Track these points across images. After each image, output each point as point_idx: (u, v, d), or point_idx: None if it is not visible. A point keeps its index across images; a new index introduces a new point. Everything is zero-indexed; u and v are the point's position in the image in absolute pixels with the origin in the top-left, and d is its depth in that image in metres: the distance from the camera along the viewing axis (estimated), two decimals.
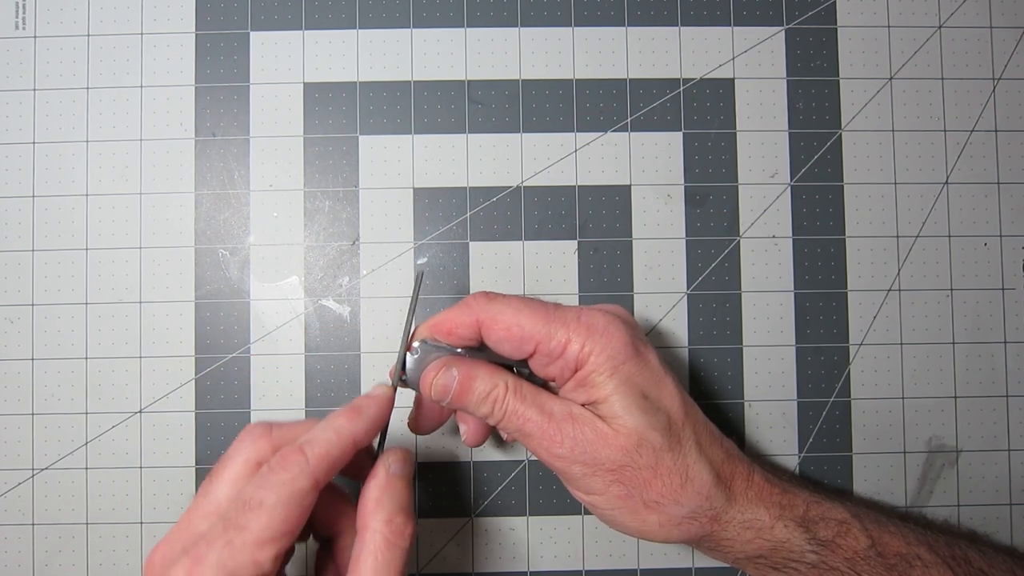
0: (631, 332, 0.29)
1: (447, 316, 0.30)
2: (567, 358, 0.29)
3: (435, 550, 0.37)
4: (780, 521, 0.29)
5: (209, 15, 0.38)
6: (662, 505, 0.29)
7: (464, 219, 0.38)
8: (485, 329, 0.29)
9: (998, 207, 0.38)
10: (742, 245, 0.38)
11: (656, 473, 0.28)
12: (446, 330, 0.29)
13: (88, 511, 0.37)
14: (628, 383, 0.29)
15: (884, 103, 0.38)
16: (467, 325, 0.29)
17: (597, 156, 0.38)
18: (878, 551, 0.29)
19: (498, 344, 0.29)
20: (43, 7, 0.38)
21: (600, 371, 0.29)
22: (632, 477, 0.28)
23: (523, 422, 0.29)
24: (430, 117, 0.38)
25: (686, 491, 0.29)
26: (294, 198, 0.38)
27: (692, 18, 0.38)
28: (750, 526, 0.29)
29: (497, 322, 0.29)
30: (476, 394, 0.29)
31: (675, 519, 0.29)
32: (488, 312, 0.29)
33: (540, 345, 0.29)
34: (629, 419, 0.28)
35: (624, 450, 0.28)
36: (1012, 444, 0.38)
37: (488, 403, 0.29)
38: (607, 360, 0.28)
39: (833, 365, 0.38)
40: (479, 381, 0.29)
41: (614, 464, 0.28)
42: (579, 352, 0.28)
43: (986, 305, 0.38)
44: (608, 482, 0.28)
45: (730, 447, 0.31)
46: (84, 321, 0.37)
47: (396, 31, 0.38)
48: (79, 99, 0.38)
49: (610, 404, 0.28)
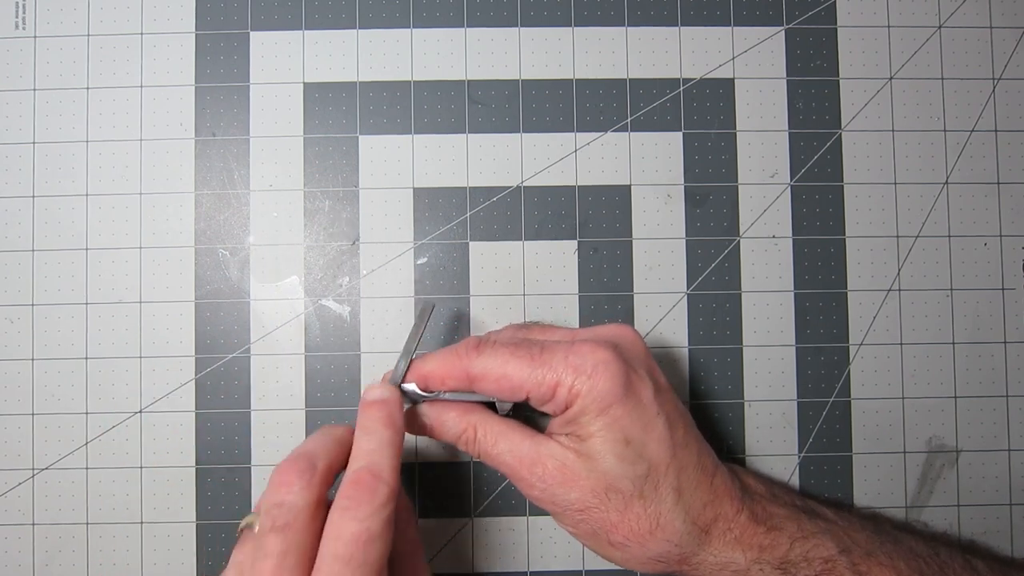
0: (623, 368, 0.29)
1: (439, 367, 0.30)
2: (557, 400, 0.29)
3: (435, 550, 0.37)
4: (756, 564, 0.29)
5: (209, 15, 0.38)
6: (627, 547, 0.29)
7: (464, 219, 0.38)
8: (476, 383, 0.29)
9: (998, 207, 0.38)
10: (742, 245, 0.38)
11: (624, 517, 0.29)
12: (438, 381, 0.30)
13: (88, 511, 0.37)
14: (613, 426, 0.28)
15: (884, 103, 0.39)
16: (458, 378, 0.30)
17: (597, 156, 0.38)
18: None
19: (492, 392, 0.30)
20: (43, 7, 0.38)
21: (587, 412, 0.28)
22: (599, 518, 0.29)
23: (496, 464, 0.30)
24: (430, 117, 0.38)
25: (654, 537, 0.29)
26: (294, 198, 0.38)
27: (692, 18, 0.38)
28: (724, 567, 0.29)
29: (487, 375, 0.29)
30: (448, 437, 0.31)
31: (639, 559, 0.29)
32: (477, 367, 0.29)
33: (531, 392, 0.29)
34: (603, 464, 0.28)
35: (593, 492, 0.29)
36: (1012, 444, 0.38)
37: (462, 444, 0.30)
38: (594, 402, 0.28)
39: (833, 365, 0.38)
40: (449, 425, 0.30)
41: (582, 504, 0.29)
42: (567, 394, 0.29)
43: (986, 305, 0.38)
44: (576, 521, 0.29)
45: (721, 485, 0.30)
46: (84, 321, 0.37)
47: (396, 31, 0.38)
48: (79, 99, 0.38)
49: (591, 445, 0.29)
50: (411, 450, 0.37)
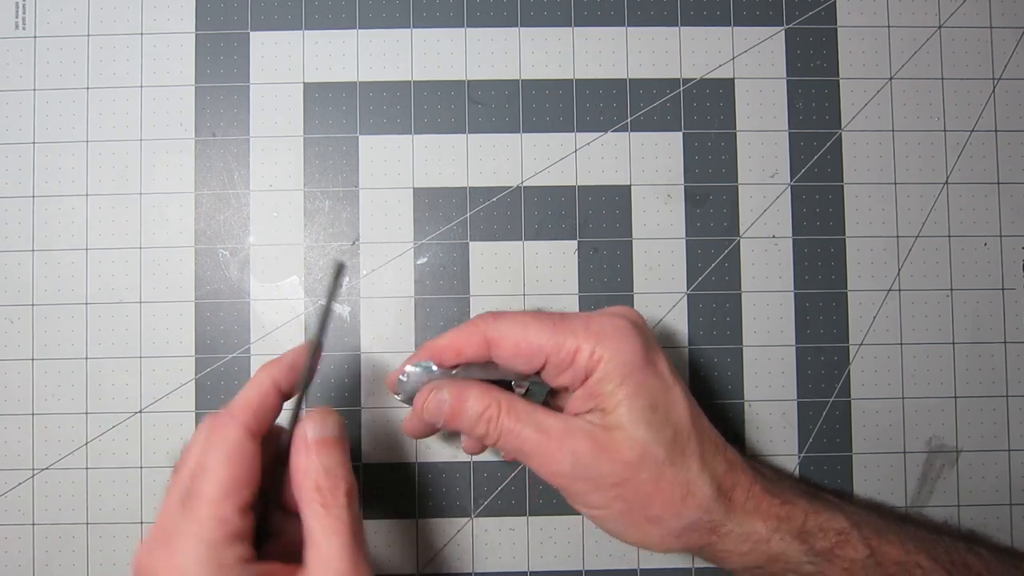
0: (642, 338, 0.29)
1: (454, 338, 0.29)
2: (577, 367, 0.28)
3: (435, 550, 0.37)
4: (777, 534, 0.29)
5: (209, 15, 0.38)
6: (663, 519, 0.28)
7: (464, 219, 0.38)
8: (494, 348, 0.29)
9: (998, 207, 0.38)
10: (742, 245, 0.38)
11: (658, 487, 0.28)
12: (454, 352, 0.29)
13: (88, 511, 0.37)
14: (637, 393, 0.28)
15: (884, 103, 0.38)
16: (475, 345, 0.29)
17: (597, 156, 0.38)
18: (877, 560, 0.29)
19: (509, 361, 0.29)
20: (43, 7, 0.38)
21: (609, 379, 0.28)
22: (634, 492, 0.28)
23: (520, 441, 0.28)
24: (430, 117, 0.38)
25: (687, 504, 0.28)
26: (294, 198, 0.38)
27: (692, 18, 0.38)
28: (747, 539, 0.29)
29: (505, 339, 0.29)
30: (468, 416, 0.29)
31: (675, 531, 0.29)
32: (496, 331, 0.29)
33: (550, 357, 0.28)
34: (635, 431, 0.28)
35: (627, 464, 0.28)
36: (1012, 444, 0.38)
37: (482, 424, 0.29)
38: (616, 368, 0.28)
39: (833, 365, 0.38)
40: (471, 402, 0.29)
41: (616, 478, 0.28)
42: (588, 360, 0.28)
43: (986, 305, 0.38)
44: (610, 497, 0.28)
45: (733, 457, 0.30)
46: (84, 321, 0.37)
47: (396, 31, 0.38)
48: (79, 99, 0.38)
49: (617, 415, 0.28)
50: (411, 450, 0.37)
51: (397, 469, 0.37)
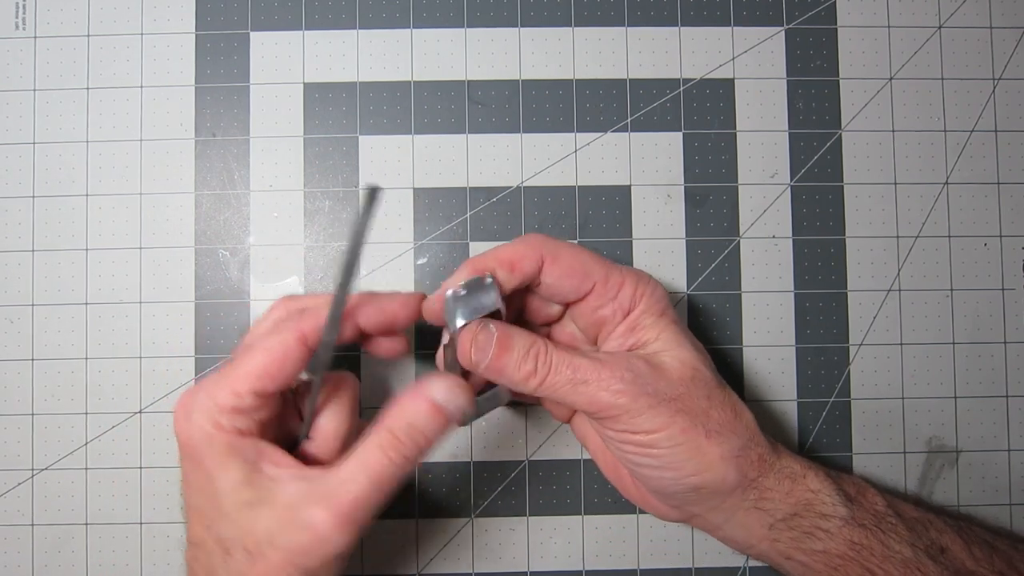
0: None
1: (510, 248, 0.29)
2: (621, 299, 0.30)
3: (435, 550, 0.37)
4: (811, 471, 0.30)
5: (209, 15, 0.38)
6: (722, 435, 0.29)
7: (464, 219, 0.38)
8: (548, 265, 0.29)
9: (998, 207, 0.38)
10: (742, 245, 0.38)
11: (712, 403, 0.29)
12: (508, 262, 0.29)
13: (88, 511, 0.37)
14: (675, 324, 0.30)
15: (884, 103, 0.39)
16: (531, 259, 0.29)
17: (597, 156, 0.38)
18: (896, 511, 0.30)
19: (559, 280, 0.29)
20: (43, 7, 0.38)
21: (650, 312, 0.30)
22: (692, 406, 0.29)
23: (574, 369, 0.28)
24: (430, 117, 0.38)
25: (739, 424, 0.29)
26: (294, 198, 0.38)
27: (692, 18, 0.38)
28: (787, 474, 0.30)
29: (561, 258, 0.29)
30: (516, 350, 0.28)
31: (734, 450, 0.29)
32: (551, 248, 0.29)
33: (598, 284, 0.29)
34: (682, 352, 0.29)
35: (681, 381, 0.29)
36: (1012, 444, 0.38)
37: (530, 359, 0.28)
38: (655, 303, 0.30)
39: (833, 365, 0.38)
40: (518, 338, 0.29)
41: (674, 392, 0.29)
42: (633, 293, 0.30)
43: (986, 305, 0.38)
44: (672, 412, 0.28)
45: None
46: (84, 321, 0.37)
47: (396, 31, 0.38)
48: (79, 99, 0.38)
49: (662, 341, 0.30)
50: None
51: None
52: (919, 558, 0.28)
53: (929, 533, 0.29)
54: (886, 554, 0.28)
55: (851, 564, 0.29)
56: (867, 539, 0.29)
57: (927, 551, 0.28)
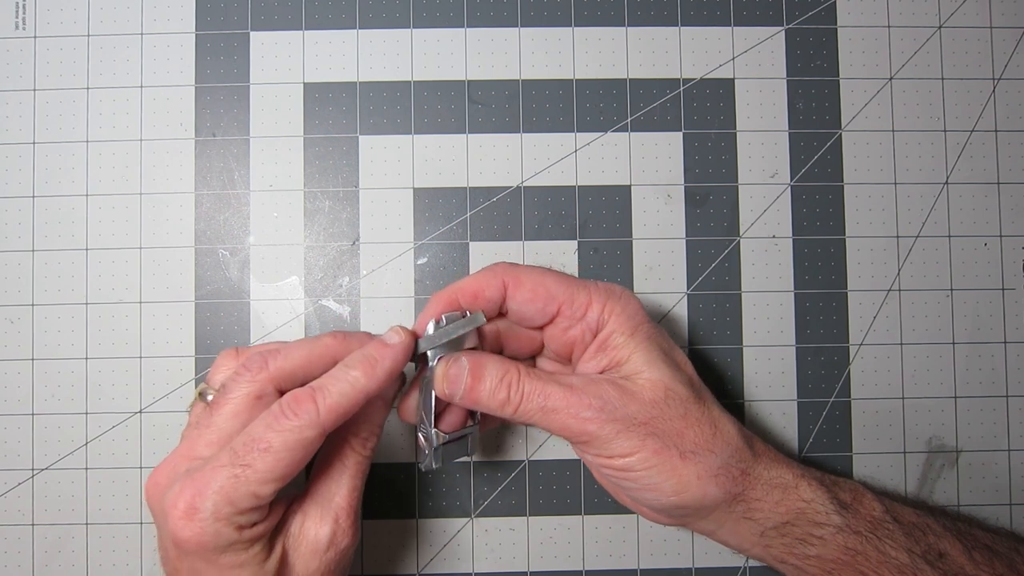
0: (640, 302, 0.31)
1: (472, 280, 0.29)
2: (588, 320, 0.29)
3: (435, 550, 0.37)
4: (803, 480, 0.29)
5: (209, 15, 0.38)
6: (698, 455, 0.28)
7: (464, 219, 0.38)
8: (511, 290, 0.29)
9: (998, 207, 0.38)
10: (742, 245, 0.38)
11: (687, 422, 0.29)
12: (471, 293, 0.29)
13: (88, 511, 0.37)
14: (648, 340, 0.29)
15: (884, 103, 0.38)
16: (493, 287, 0.29)
17: (597, 156, 0.38)
18: (893, 516, 0.29)
19: (523, 306, 0.29)
20: (43, 7, 0.38)
21: (621, 331, 0.29)
22: (665, 428, 0.28)
23: (544, 397, 0.28)
24: (430, 117, 0.38)
25: (718, 440, 0.29)
26: (294, 198, 0.38)
27: (692, 18, 0.38)
28: (776, 485, 0.29)
29: (523, 283, 0.29)
30: (489, 380, 0.28)
31: (712, 469, 0.28)
32: (513, 274, 0.29)
33: (563, 306, 0.29)
34: (654, 372, 0.29)
35: (653, 403, 0.28)
36: (1012, 444, 0.38)
37: (503, 387, 0.28)
38: (627, 320, 0.29)
39: (833, 365, 0.38)
40: (490, 367, 0.29)
41: (645, 416, 0.28)
42: (600, 313, 0.29)
43: (986, 305, 0.38)
44: (643, 436, 0.28)
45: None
46: (84, 321, 0.37)
47: (396, 31, 0.38)
48: (79, 99, 0.38)
49: (633, 362, 0.29)
50: (410, 450, 0.37)
51: (397, 469, 0.37)
52: (916, 564, 0.28)
53: (927, 538, 0.29)
54: (881, 560, 0.28)
55: (845, 569, 0.28)
56: (862, 545, 0.28)
57: (924, 556, 0.28)
